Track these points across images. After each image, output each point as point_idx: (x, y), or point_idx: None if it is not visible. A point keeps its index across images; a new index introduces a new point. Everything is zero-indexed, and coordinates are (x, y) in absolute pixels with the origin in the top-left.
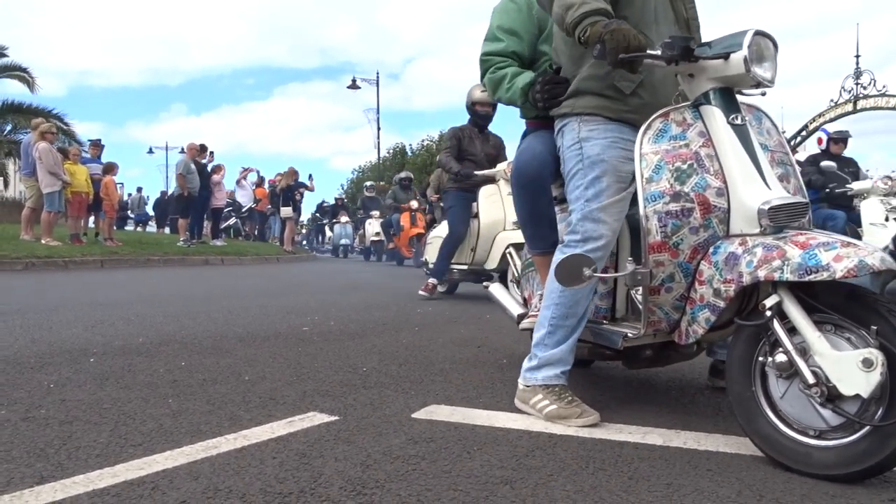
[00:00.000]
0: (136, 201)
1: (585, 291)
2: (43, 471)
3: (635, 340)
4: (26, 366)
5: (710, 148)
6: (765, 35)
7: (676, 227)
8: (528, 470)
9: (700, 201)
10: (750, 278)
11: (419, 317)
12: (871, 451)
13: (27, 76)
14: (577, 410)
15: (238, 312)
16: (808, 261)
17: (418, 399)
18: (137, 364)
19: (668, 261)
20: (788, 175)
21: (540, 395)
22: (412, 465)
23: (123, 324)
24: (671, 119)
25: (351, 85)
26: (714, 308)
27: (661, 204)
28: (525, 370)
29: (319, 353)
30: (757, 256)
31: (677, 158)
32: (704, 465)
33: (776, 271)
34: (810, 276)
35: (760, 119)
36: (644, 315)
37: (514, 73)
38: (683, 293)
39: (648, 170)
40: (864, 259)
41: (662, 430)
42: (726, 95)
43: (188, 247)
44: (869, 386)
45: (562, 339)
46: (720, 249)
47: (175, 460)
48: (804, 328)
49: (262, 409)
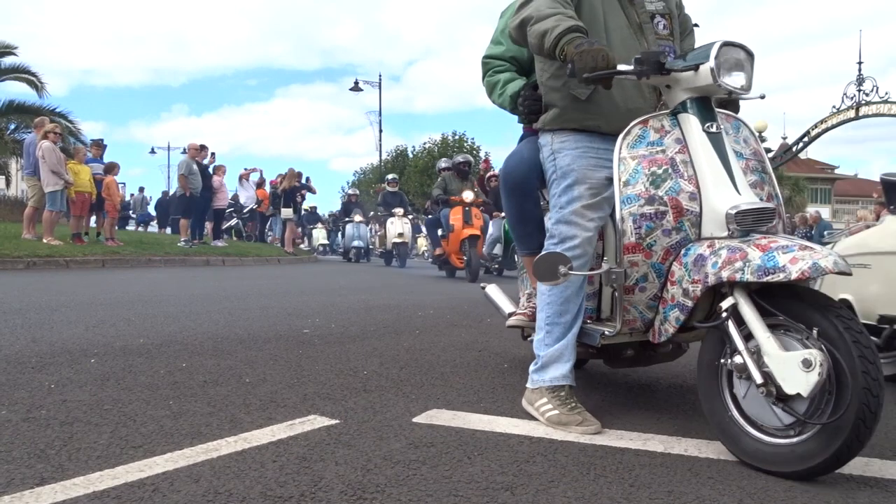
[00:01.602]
0: (138, 201)
1: (574, 289)
2: (44, 472)
3: (612, 338)
4: (27, 366)
5: (685, 154)
6: (735, 45)
7: (650, 229)
8: (528, 476)
9: (673, 205)
10: (714, 279)
11: (420, 320)
12: (818, 450)
13: (36, 80)
14: (579, 418)
15: (239, 314)
16: (766, 262)
17: (419, 403)
18: (138, 365)
19: (641, 261)
20: (762, 182)
21: (545, 399)
22: (413, 469)
23: (124, 324)
24: (650, 126)
25: (353, 87)
26: (683, 307)
27: (636, 206)
28: (532, 372)
29: (320, 355)
30: (721, 258)
31: (653, 163)
32: (706, 472)
33: (738, 272)
34: (768, 277)
35: (738, 128)
36: (619, 313)
37: (506, 80)
38: (657, 293)
39: (626, 174)
40: (818, 261)
41: (664, 436)
42: (703, 104)
43: (189, 247)
44: (808, 385)
45: (559, 336)
46: (690, 251)
47: (175, 462)
48: (755, 329)
49: (263, 411)
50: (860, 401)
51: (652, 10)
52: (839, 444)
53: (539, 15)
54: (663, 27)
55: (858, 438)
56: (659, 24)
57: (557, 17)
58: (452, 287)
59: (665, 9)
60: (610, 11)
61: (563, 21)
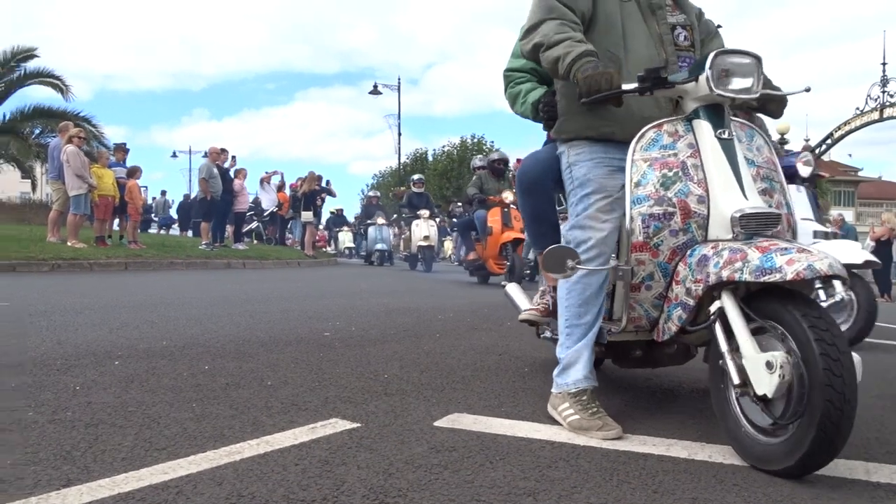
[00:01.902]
0: (160, 205)
1: (592, 291)
2: (70, 473)
3: (618, 335)
4: (53, 367)
5: (696, 159)
6: (735, 52)
7: (658, 228)
8: (550, 481)
9: (681, 206)
10: (715, 278)
11: (440, 323)
12: (794, 449)
13: (60, 83)
14: (599, 423)
15: (260, 316)
16: (764, 263)
17: (440, 407)
18: (161, 367)
19: (648, 260)
20: (773, 190)
21: (567, 404)
22: (434, 474)
23: (147, 326)
24: (664, 130)
25: (373, 90)
26: (685, 306)
27: (645, 206)
28: (555, 376)
29: (341, 358)
30: (723, 258)
31: (665, 166)
32: (731, 479)
33: (737, 272)
34: (765, 277)
35: (753, 137)
36: (625, 310)
37: (527, 90)
38: (662, 292)
39: (637, 175)
40: (813, 263)
41: (687, 442)
42: (714, 112)
43: (210, 250)
44: (772, 387)
45: (579, 337)
46: (695, 252)
47: (199, 465)
48: (737, 331)
49: (285, 414)
50: (823, 398)
51: (673, 21)
52: (808, 442)
53: (549, 42)
54: (684, 38)
55: (827, 436)
56: (680, 36)
57: (567, 44)
58: (473, 291)
59: (686, 21)
60: (630, 23)
61: (573, 47)
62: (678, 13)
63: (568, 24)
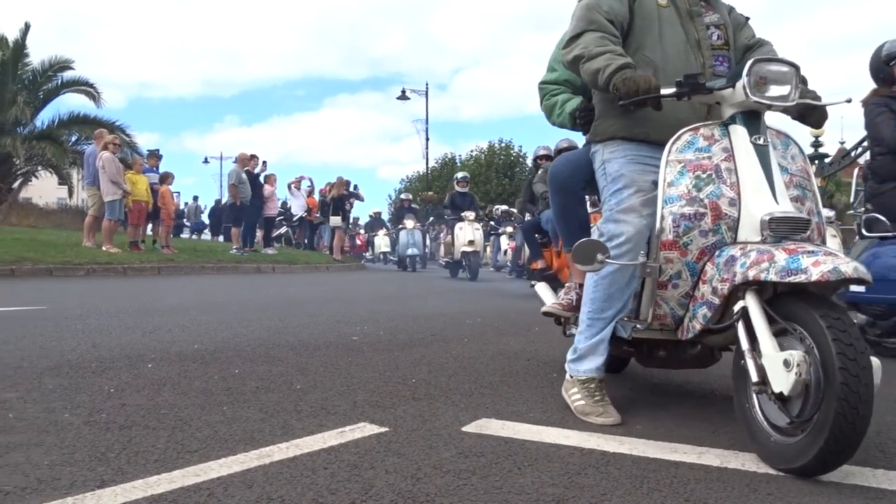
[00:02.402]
0: (192, 210)
1: (618, 287)
2: (104, 474)
3: (643, 332)
4: (88, 370)
5: (730, 163)
6: (772, 60)
7: (688, 228)
8: (580, 488)
9: (712, 207)
10: (741, 277)
11: (468, 328)
12: (807, 448)
13: (93, 91)
14: (600, 409)
15: (289, 320)
16: (790, 264)
17: (468, 412)
18: (193, 370)
19: (676, 259)
20: (804, 198)
21: (576, 389)
22: (463, 479)
23: (179, 330)
24: (700, 133)
25: (401, 96)
26: (711, 305)
27: (677, 206)
28: (569, 361)
29: (369, 363)
30: (750, 259)
31: (699, 168)
32: (764, 488)
33: (763, 272)
34: (790, 278)
35: (788, 145)
36: (650, 306)
37: (563, 101)
38: (689, 291)
39: (671, 175)
40: (839, 266)
41: (719, 450)
42: (751, 118)
43: (241, 255)
44: (789, 384)
45: (598, 330)
46: (724, 253)
47: (229, 468)
48: (759, 330)
49: (314, 418)
50: (838, 397)
51: (708, 21)
52: (822, 442)
53: (589, 54)
54: (717, 37)
55: (843, 435)
56: (713, 35)
57: (607, 57)
58: (501, 296)
59: (720, 20)
60: (668, 28)
61: (613, 60)
62: (711, 13)
63: (608, 36)
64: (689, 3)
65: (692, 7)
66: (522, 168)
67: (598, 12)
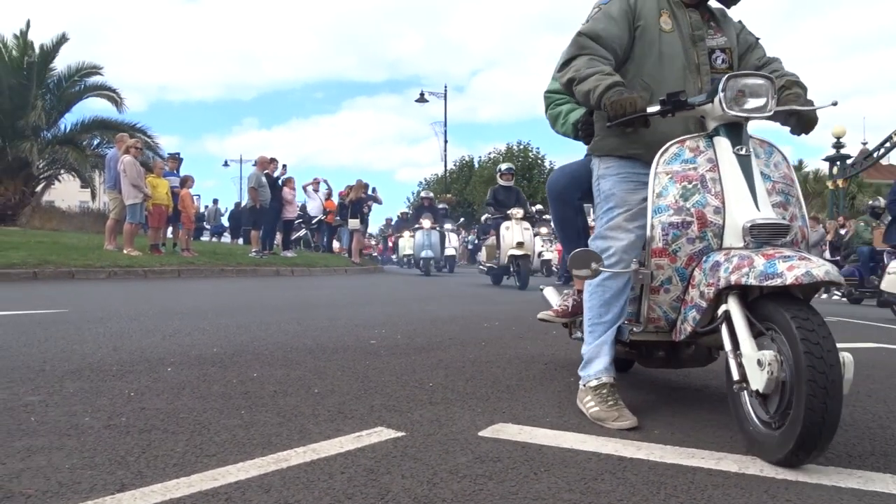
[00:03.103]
0: (212, 213)
1: (613, 293)
2: (124, 478)
3: (639, 335)
4: (108, 373)
5: (715, 173)
6: (745, 75)
7: (676, 236)
8: (596, 494)
9: (698, 216)
10: (724, 281)
11: (486, 332)
12: (784, 442)
13: (116, 95)
14: (616, 413)
15: (307, 324)
16: (767, 269)
17: (485, 417)
18: (212, 374)
19: (667, 265)
20: (787, 203)
21: (589, 397)
22: (479, 484)
23: (199, 333)
24: (686, 145)
25: (419, 98)
26: (699, 308)
27: (665, 216)
28: (579, 370)
29: (386, 367)
30: (733, 264)
31: (685, 178)
32: (783, 495)
33: (743, 276)
34: (768, 282)
35: (771, 153)
36: (644, 312)
37: (567, 111)
38: (680, 295)
39: (659, 186)
40: (811, 270)
41: (737, 455)
42: (733, 130)
43: (260, 258)
44: (762, 382)
45: (600, 334)
46: (710, 258)
47: (247, 472)
48: (739, 331)
49: (331, 422)
50: (807, 393)
51: (713, 45)
52: (797, 435)
53: (580, 76)
54: (722, 61)
55: (815, 428)
56: (717, 59)
57: (596, 78)
58: (518, 299)
59: (726, 43)
60: (668, 53)
61: (601, 80)
62: (719, 36)
63: (598, 59)
64: (693, 27)
65: (695, 31)
66: (541, 170)
67: (589, 37)
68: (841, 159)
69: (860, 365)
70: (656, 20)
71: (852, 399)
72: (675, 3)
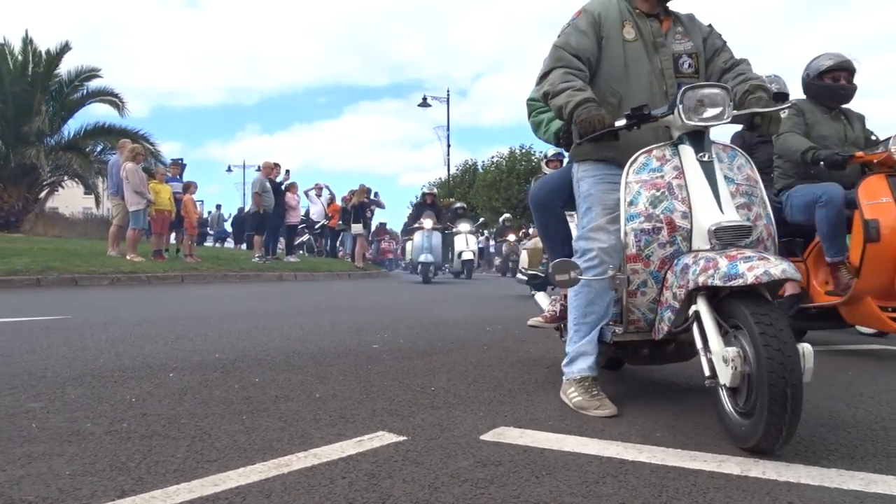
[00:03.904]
0: (215, 218)
1: (594, 295)
2: (124, 484)
3: (622, 336)
4: (110, 379)
5: (681, 179)
6: (702, 86)
7: (648, 242)
8: (598, 497)
9: (668, 222)
10: (693, 283)
11: (488, 335)
12: (752, 431)
13: (118, 100)
14: (597, 403)
15: (310, 328)
16: (730, 270)
17: (487, 420)
18: (213, 380)
19: (641, 269)
20: (751, 204)
21: (573, 388)
22: (480, 488)
23: (201, 339)
24: (653, 155)
25: (422, 103)
26: (673, 309)
27: (637, 223)
28: (563, 366)
29: (388, 371)
30: (700, 266)
31: (653, 187)
32: (785, 497)
33: (710, 277)
34: (731, 282)
35: (734, 157)
36: (625, 314)
37: (549, 119)
38: (656, 297)
39: (630, 195)
40: (769, 269)
41: (739, 458)
42: (696, 138)
43: (263, 263)
44: (728, 377)
45: (584, 334)
46: (680, 261)
47: (248, 477)
48: (707, 329)
49: (333, 427)
50: (768, 383)
51: (680, 50)
52: (764, 423)
53: (554, 90)
54: (688, 66)
55: (779, 416)
56: (684, 64)
57: (568, 94)
58: (521, 302)
59: (693, 48)
60: (633, 62)
61: (573, 97)
62: (686, 41)
63: (573, 71)
64: (654, 35)
65: (656, 39)
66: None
67: (565, 50)
68: None
69: (866, 366)
70: (619, 31)
71: (855, 401)
72: (636, 13)
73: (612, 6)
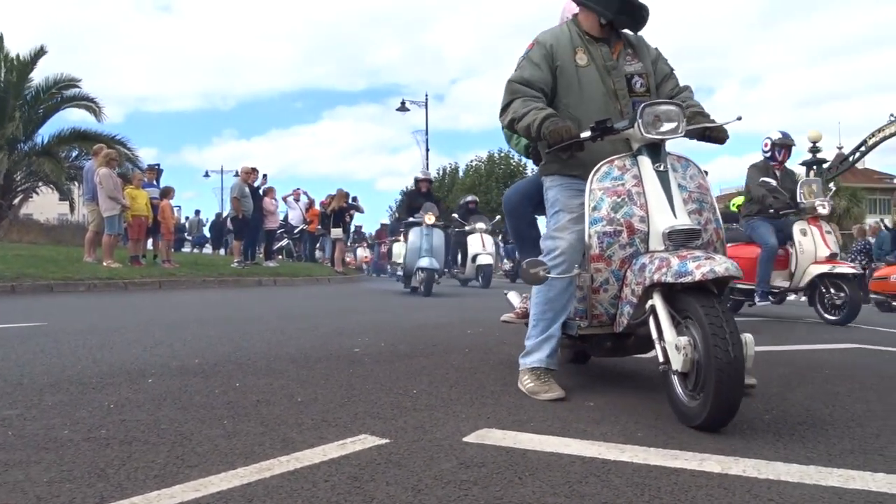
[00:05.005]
0: (194, 224)
1: (555, 293)
2: (104, 491)
3: (586, 329)
4: (88, 386)
5: (639, 187)
6: (659, 103)
7: (610, 243)
8: (581, 497)
9: (627, 226)
10: (649, 280)
11: (469, 338)
12: (700, 411)
13: (94, 105)
14: (546, 387)
15: (291, 333)
16: (681, 268)
17: (469, 422)
18: (194, 385)
19: (604, 268)
20: (702, 209)
21: (527, 377)
22: (463, 490)
23: (180, 345)
24: (615, 164)
25: (400, 107)
26: (631, 304)
27: (600, 226)
28: (520, 357)
29: (370, 374)
30: (655, 265)
31: (615, 193)
32: (766, 494)
33: (663, 275)
34: (681, 279)
35: (687, 167)
36: (588, 309)
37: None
38: (617, 293)
39: (594, 201)
40: (714, 267)
41: (720, 456)
42: (653, 150)
43: (242, 268)
44: (679, 363)
45: (542, 329)
46: (638, 261)
47: (230, 482)
48: (662, 321)
49: (315, 430)
50: (715, 368)
51: (631, 70)
52: (710, 405)
53: (518, 115)
54: (640, 85)
55: (724, 398)
56: (637, 83)
57: (532, 113)
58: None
59: (643, 69)
60: (588, 85)
61: (538, 114)
62: (636, 62)
63: (530, 98)
64: (605, 59)
65: (607, 62)
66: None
67: (520, 84)
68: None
69: (842, 365)
70: (572, 58)
71: (832, 399)
72: (586, 39)
73: (564, 35)
